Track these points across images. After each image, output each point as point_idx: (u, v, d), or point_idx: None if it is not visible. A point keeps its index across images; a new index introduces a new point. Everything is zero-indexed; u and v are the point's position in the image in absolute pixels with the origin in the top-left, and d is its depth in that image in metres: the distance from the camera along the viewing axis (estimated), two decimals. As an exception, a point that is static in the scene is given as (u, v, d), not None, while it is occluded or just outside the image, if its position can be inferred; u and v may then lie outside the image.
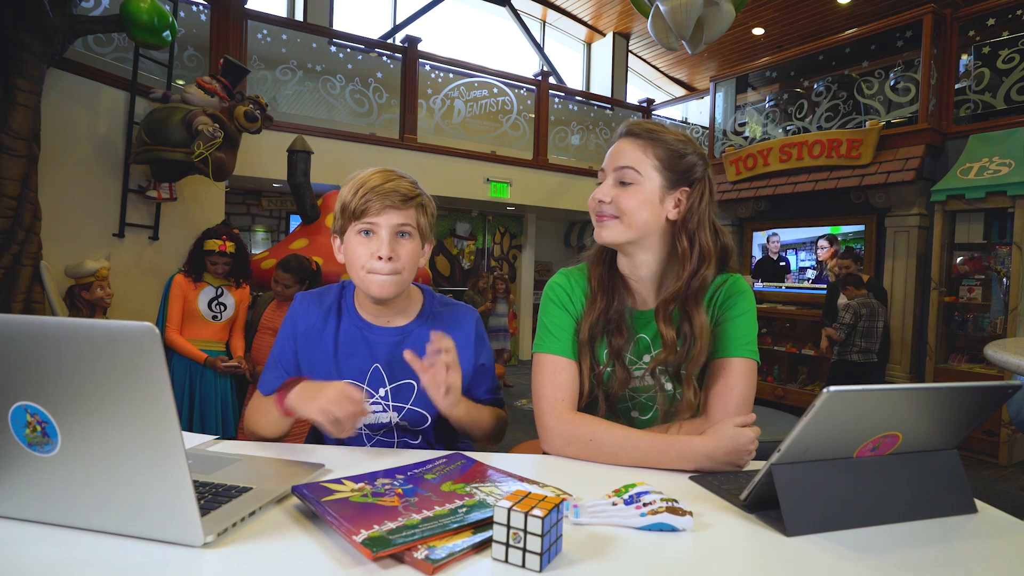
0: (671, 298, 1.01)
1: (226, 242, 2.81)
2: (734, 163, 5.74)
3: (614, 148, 1.05)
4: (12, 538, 0.63)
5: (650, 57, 9.62)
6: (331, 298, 1.12)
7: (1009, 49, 4.40)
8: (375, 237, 1.01)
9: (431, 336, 0.94)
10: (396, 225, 1.01)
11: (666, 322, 1.01)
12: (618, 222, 1.01)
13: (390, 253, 1.00)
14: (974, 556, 0.67)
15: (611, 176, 1.03)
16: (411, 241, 1.04)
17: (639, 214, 1.01)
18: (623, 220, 1.01)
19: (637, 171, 1.01)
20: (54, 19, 2.95)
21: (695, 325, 1.00)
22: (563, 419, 0.98)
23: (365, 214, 1.00)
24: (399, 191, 1.01)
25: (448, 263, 7.43)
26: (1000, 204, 4.19)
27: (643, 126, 1.04)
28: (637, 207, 1.00)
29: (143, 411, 0.59)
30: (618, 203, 1.01)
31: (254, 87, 5.02)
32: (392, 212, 1.01)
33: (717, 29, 3.27)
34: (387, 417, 1.07)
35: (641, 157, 1.01)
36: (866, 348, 4.20)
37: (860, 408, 0.70)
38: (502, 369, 4.96)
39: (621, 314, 1.06)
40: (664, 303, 1.02)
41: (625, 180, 1.02)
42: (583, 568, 0.61)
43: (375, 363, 1.07)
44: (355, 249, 1.02)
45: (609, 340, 1.06)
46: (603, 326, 1.06)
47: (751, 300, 1.05)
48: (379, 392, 1.07)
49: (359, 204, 1.00)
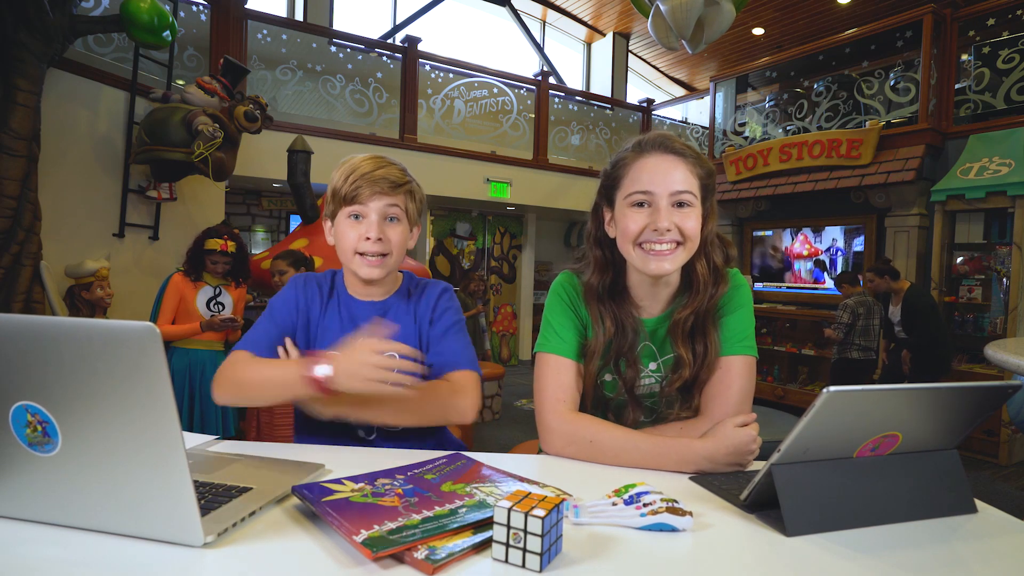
0: (688, 316, 1.01)
1: (228, 241, 2.81)
2: (734, 163, 5.74)
3: (656, 167, 0.97)
4: (12, 538, 0.63)
5: (650, 57, 9.62)
6: (325, 278, 1.16)
7: (1009, 49, 4.40)
8: (365, 221, 1.05)
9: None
10: (385, 209, 1.05)
11: (684, 343, 1.01)
12: (682, 249, 0.97)
13: (379, 235, 1.04)
14: (974, 556, 0.67)
15: (666, 200, 0.96)
16: (399, 225, 1.08)
17: (697, 239, 0.99)
18: (686, 246, 0.97)
19: (693, 194, 0.98)
20: (54, 19, 2.95)
21: (710, 344, 1.00)
22: (564, 420, 0.98)
23: (355, 199, 1.04)
24: (388, 178, 1.05)
25: (448, 263, 7.42)
26: (1000, 204, 4.19)
27: (679, 144, 0.99)
28: (695, 230, 0.98)
29: (143, 411, 0.59)
30: (682, 228, 0.96)
31: (254, 87, 5.02)
32: (381, 198, 1.05)
33: (717, 29, 3.27)
34: None
35: (692, 179, 0.98)
36: (865, 346, 4.20)
37: (860, 408, 0.70)
38: (501, 369, 4.95)
39: (634, 346, 1.04)
40: (680, 321, 1.01)
41: (683, 203, 0.97)
42: (583, 568, 0.61)
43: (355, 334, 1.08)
44: (345, 232, 1.06)
45: (619, 373, 1.05)
46: (614, 358, 1.04)
47: (747, 295, 1.04)
48: None
49: (349, 190, 1.04)
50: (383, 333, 0.94)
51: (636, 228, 0.97)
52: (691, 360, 1.00)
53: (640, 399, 1.06)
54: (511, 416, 5.06)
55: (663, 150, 0.98)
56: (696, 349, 1.01)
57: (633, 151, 1.01)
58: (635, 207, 0.98)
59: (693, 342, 1.01)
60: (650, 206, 0.97)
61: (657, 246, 0.96)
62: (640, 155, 1.00)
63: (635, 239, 0.98)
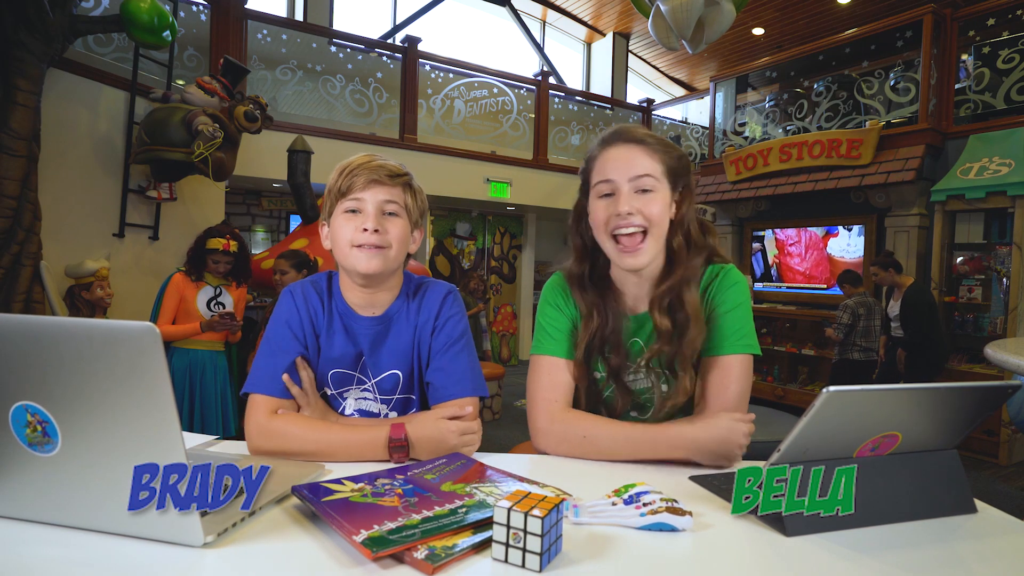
0: (666, 292, 1.01)
1: (230, 241, 2.81)
2: (734, 163, 5.74)
3: (617, 156, 1.00)
4: (12, 538, 0.63)
5: (650, 57, 9.62)
6: (321, 289, 1.07)
7: (1009, 49, 4.40)
8: (361, 214, 0.99)
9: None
10: (383, 201, 0.99)
11: (661, 313, 1.01)
12: (650, 238, 0.98)
13: (376, 226, 0.97)
14: (974, 556, 0.67)
15: (627, 186, 0.98)
16: (399, 220, 1.01)
17: (663, 223, 1.00)
18: (652, 232, 0.98)
19: (655, 178, 0.99)
20: (54, 19, 2.95)
21: (688, 308, 1.00)
22: (555, 419, 0.99)
23: (351, 190, 0.98)
24: (385, 167, 1.00)
25: (448, 263, 7.42)
26: (1000, 204, 4.19)
27: (639, 132, 1.02)
28: (661, 215, 0.99)
29: (143, 411, 0.59)
30: (644, 212, 0.97)
31: (254, 87, 5.02)
32: (378, 188, 0.99)
33: (717, 29, 3.27)
34: (376, 408, 1.06)
35: (653, 163, 0.99)
36: (866, 347, 4.20)
37: (860, 408, 0.70)
38: (501, 369, 4.96)
39: (617, 331, 1.05)
40: (659, 297, 1.02)
41: (645, 188, 0.98)
42: (583, 568, 0.61)
43: (360, 354, 1.05)
44: (341, 227, 0.99)
45: (607, 360, 1.06)
46: (600, 346, 1.05)
47: (744, 292, 1.04)
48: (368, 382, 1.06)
49: (344, 182, 0.98)
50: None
51: (603, 216, 1.00)
52: (668, 330, 1.00)
53: (630, 391, 1.06)
54: (511, 416, 5.07)
55: (624, 140, 1.01)
56: (676, 319, 1.00)
57: (599, 145, 1.04)
58: (602, 197, 1.01)
59: (673, 313, 1.01)
60: (614, 195, 0.99)
61: (624, 231, 0.98)
62: (604, 148, 1.03)
63: (604, 227, 1.00)
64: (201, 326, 2.74)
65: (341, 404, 1.06)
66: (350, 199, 0.99)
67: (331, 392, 1.05)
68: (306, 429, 0.93)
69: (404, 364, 1.05)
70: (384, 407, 1.06)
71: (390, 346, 1.04)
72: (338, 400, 1.06)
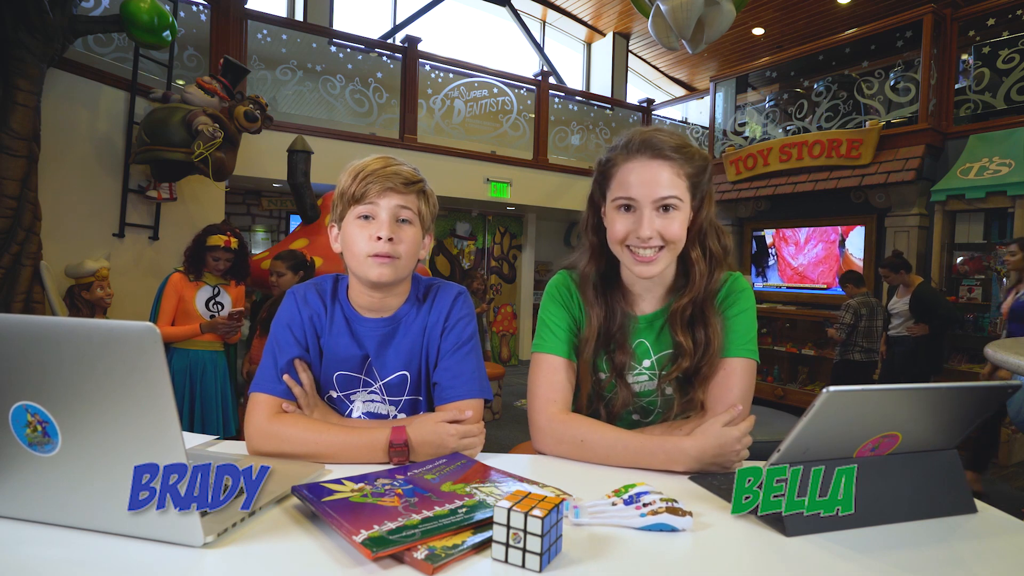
0: (687, 304, 1.00)
1: (231, 237, 2.81)
2: (734, 163, 5.74)
3: (641, 173, 0.96)
4: (12, 538, 0.63)
5: (650, 57, 9.62)
6: (325, 291, 1.06)
7: (1009, 49, 4.40)
8: (375, 221, 0.97)
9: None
10: (397, 208, 0.97)
11: (683, 331, 1.00)
12: (666, 251, 0.97)
13: (390, 235, 0.95)
14: (974, 556, 0.67)
15: (649, 207, 0.95)
16: (412, 228, 0.99)
17: (682, 239, 0.99)
18: (670, 249, 0.98)
19: (679, 197, 0.96)
20: (54, 19, 2.95)
21: (711, 330, 0.99)
22: (555, 420, 0.98)
23: (365, 197, 0.96)
24: (400, 174, 0.98)
25: (448, 263, 7.42)
26: (1000, 204, 4.19)
27: (666, 144, 0.97)
28: (680, 231, 0.97)
29: (143, 411, 0.59)
30: (665, 234, 0.96)
31: (254, 87, 5.02)
32: (393, 195, 0.97)
33: (717, 29, 3.27)
34: (385, 410, 1.06)
35: (677, 181, 0.97)
36: (868, 347, 4.19)
37: (860, 408, 0.70)
38: (501, 369, 4.96)
39: (624, 330, 1.05)
40: (679, 311, 1.01)
41: (668, 206, 0.96)
42: (583, 568, 0.61)
43: (366, 356, 1.04)
44: (353, 234, 0.97)
45: (611, 358, 1.05)
46: (605, 342, 1.05)
47: (751, 299, 1.04)
48: (375, 384, 1.05)
49: (359, 188, 0.96)
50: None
51: (622, 231, 0.98)
52: (691, 348, 1.00)
53: (632, 392, 1.05)
54: (511, 416, 5.06)
55: (649, 154, 0.97)
56: (697, 337, 1.00)
57: (622, 152, 1.00)
58: (621, 210, 0.99)
59: (693, 330, 1.01)
60: (635, 211, 0.97)
61: (642, 251, 0.97)
62: (628, 158, 0.99)
63: (621, 241, 0.99)
64: (201, 328, 2.74)
65: (348, 407, 1.05)
66: (364, 205, 0.97)
67: (337, 395, 1.04)
68: (305, 431, 0.92)
69: (412, 364, 1.04)
70: (393, 408, 1.06)
71: (397, 346, 1.03)
72: (344, 403, 1.05)
